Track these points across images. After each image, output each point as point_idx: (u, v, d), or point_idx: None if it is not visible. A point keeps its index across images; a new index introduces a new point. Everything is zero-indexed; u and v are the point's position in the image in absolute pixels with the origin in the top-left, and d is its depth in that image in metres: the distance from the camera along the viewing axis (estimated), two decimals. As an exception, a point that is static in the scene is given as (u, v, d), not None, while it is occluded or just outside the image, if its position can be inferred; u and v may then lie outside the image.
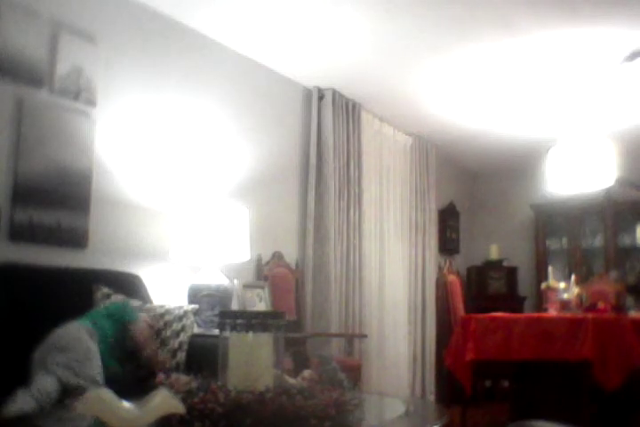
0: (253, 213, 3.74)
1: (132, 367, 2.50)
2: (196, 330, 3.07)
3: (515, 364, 3.83)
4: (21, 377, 2.10)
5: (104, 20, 3.29)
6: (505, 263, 6.68)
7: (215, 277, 3.35)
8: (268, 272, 4.15)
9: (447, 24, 3.76)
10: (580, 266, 6.13)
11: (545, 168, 4.58)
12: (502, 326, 3.65)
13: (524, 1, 3.46)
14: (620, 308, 4.03)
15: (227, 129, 4.06)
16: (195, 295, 3.29)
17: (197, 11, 3.63)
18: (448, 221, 6.69)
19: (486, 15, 3.63)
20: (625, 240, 6.05)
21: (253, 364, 1.75)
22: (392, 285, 5.36)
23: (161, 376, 1.78)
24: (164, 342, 2.77)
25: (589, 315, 3.53)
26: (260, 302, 3.89)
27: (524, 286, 6.57)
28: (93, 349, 2.24)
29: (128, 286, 2.95)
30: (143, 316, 2.61)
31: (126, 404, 1.49)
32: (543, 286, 4.25)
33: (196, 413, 1.53)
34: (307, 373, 1.94)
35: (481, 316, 3.87)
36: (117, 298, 2.74)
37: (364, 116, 5.12)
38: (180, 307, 2.95)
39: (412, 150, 5.83)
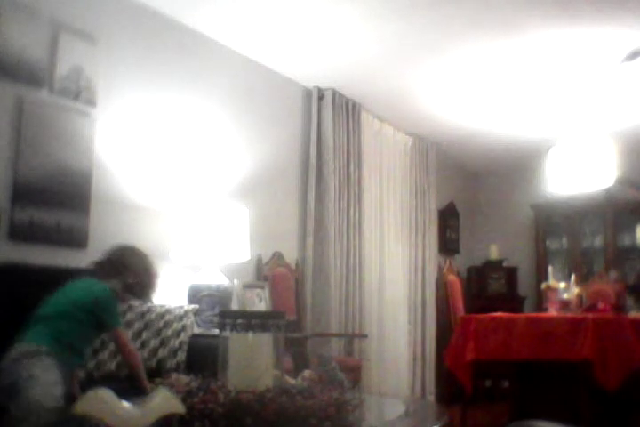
0: (253, 213, 3.74)
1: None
2: (196, 330, 3.07)
3: (515, 364, 3.83)
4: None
5: (104, 20, 3.29)
6: (505, 263, 6.68)
7: (215, 277, 3.35)
8: (268, 272, 4.14)
9: (447, 24, 3.76)
10: (580, 266, 6.13)
11: (545, 168, 4.58)
12: (502, 326, 3.65)
13: (524, 1, 3.46)
14: (619, 308, 4.02)
15: (227, 129, 4.06)
16: (195, 295, 3.29)
17: (197, 11, 3.62)
18: (448, 221, 6.69)
19: (486, 15, 3.63)
20: (625, 240, 6.05)
21: (253, 364, 1.75)
22: (392, 285, 5.35)
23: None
24: (163, 342, 2.77)
25: (589, 315, 3.53)
26: (259, 302, 3.89)
27: (524, 285, 6.57)
28: (51, 379, 1.98)
29: (128, 285, 2.94)
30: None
31: (126, 404, 1.49)
32: (543, 286, 4.24)
33: (196, 413, 1.53)
34: (307, 373, 1.94)
35: (481, 316, 3.87)
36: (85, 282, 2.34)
37: (364, 116, 5.12)
38: (181, 307, 2.95)
39: (412, 150, 5.83)
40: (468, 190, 7.21)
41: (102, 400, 1.46)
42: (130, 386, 2.19)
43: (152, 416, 1.47)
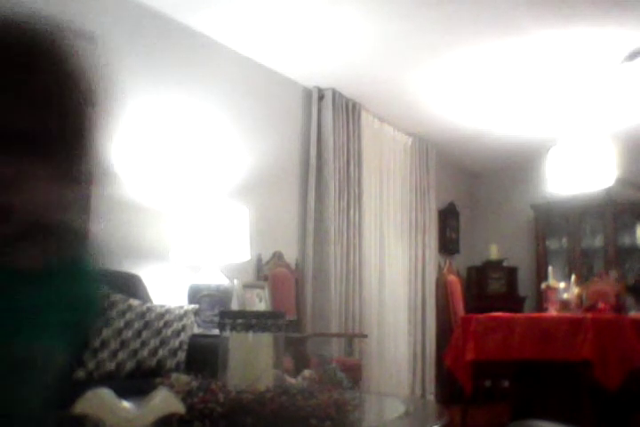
0: (253, 213, 3.74)
1: None
2: (196, 330, 3.07)
3: (515, 364, 3.83)
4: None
5: (104, 20, 3.29)
6: (505, 263, 6.67)
7: (215, 277, 3.35)
8: (268, 272, 4.15)
9: (447, 24, 3.76)
10: (580, 266, 6.13)
11: (545, 168, 4.58)
12: (502, 326, 3.65)
13: (524, 1, 3.46)
14: (619, 308, 4.02)
15: (227, 129, 4.06)
16: (195, 295, 3.29)
17: (197, 11, 3.62)
18: (448, 221, 6.69)
19: (486, 15, 3.64)
20: (625, 240, 6.05)
21: (253, 364, 1.75)
22: (392, 285, 5.35)
23: None
24: (163, 342, 2.77)
25: (589, 315, 3.53)
26: (259, 302, 3.89)
27: (524, 286, 6.57)
28: None
29: (128, 285, 2.95)
30: None
31: (126, 404, 1.49)
32: (543, 285, 4.24)
33: (196, 413, 1.52)
34: (307, 373, 1.94)
35: (481, 316, 3.87)
36: None
37: (364, 116, 5.12)
38: (181, 307, 2.95)
39: (412, 150, 5.83)
40: (467, 190, 7.21)
41: (102, 400, 1.46)
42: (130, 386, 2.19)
43: (152, 416, 1.47)
